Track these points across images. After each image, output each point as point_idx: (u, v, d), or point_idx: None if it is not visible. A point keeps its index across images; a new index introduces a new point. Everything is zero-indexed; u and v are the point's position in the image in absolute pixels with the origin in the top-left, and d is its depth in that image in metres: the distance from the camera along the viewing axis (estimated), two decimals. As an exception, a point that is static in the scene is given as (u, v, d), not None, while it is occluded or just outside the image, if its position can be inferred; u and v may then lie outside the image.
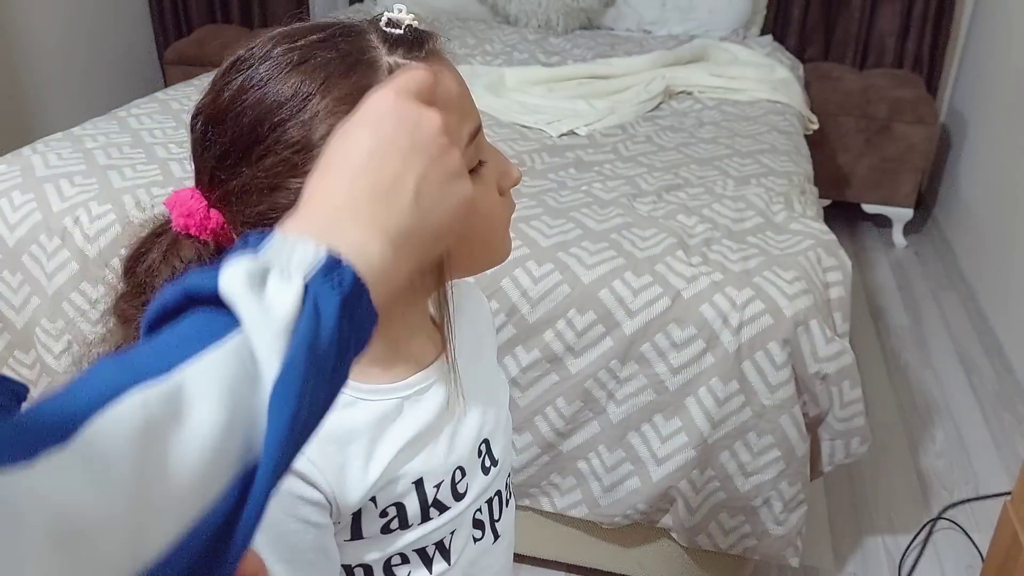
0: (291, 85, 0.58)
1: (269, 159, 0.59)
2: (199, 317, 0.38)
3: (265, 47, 0.61)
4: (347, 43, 0.60)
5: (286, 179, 0.59)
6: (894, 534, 1.94)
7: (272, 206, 0.60)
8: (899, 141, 3.05)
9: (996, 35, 3.01)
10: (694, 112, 2.42)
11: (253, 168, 0.59)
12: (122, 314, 0.64)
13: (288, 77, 0.59)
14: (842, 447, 1.56)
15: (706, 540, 1.57)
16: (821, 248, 1.61)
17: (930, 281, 3.01)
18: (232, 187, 0.60)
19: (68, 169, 1.79)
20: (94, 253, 1.66)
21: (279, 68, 0.59)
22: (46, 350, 1.71)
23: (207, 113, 0.62)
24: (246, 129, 0.59)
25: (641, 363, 1.49)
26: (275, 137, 0.58)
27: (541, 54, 2.90)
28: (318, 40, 0.60)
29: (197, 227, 0.62)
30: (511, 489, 0.83)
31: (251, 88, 0.59)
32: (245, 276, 0.38)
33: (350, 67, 0.59)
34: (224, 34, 3.46)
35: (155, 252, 0.63)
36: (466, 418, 0.75)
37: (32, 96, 3.15)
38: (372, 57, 0.60)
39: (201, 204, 0.62)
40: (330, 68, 0.59)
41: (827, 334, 1.47)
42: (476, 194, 0.62)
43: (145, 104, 2.21)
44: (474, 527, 0.77)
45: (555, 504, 1.60)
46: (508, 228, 0.70)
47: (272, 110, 0.58)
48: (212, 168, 0.61)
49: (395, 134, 0.47)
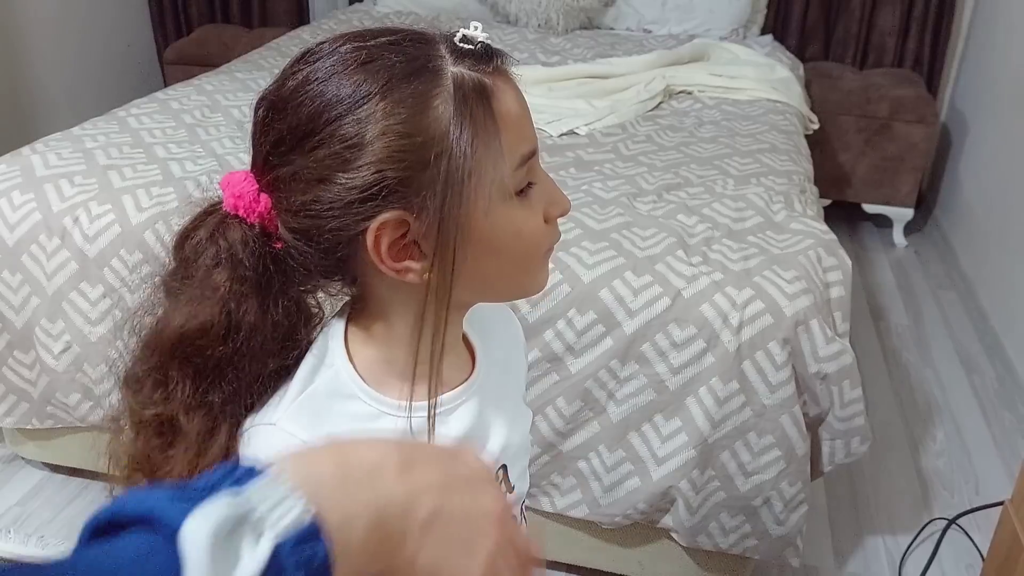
0: (353, 82, 0.59)
1: (321, 151, 0.59)
2: (143, 543, 0.35)
3: (335, 43, 0.62)
4: (415, 49, 0.61)
5: (334, 173, 0.59)
6: (894, 534, 1.93)
7: (316, 198, 0.60)
8: (899, 141, 3.05)
9: (996, 34, 3.01)
10: (694, 111, 2.42)
11: (305, 158, 0.60)
12: (168, 288, 0.65)
13: (352, 74, 0.59)
14: (842, 447, 1.56)
15: (706, 540, 1.56)
16: (821, 248, 1.60)
17: (930, 281, 3.01)
18: (282, 173, 0.61)
19: (68, 169, 1.78)
20: (94, 253, 1.66)
21: (344, 65, 0.60)
22: (45, 350, 1.70)
23: (270, 99, 0.63)
24: (304, 119, 0.60)
25: (641, 363, 1.49)
26: (330, 131, 0.59)
27: (541, 53, 2.90)
28: (387, 42, 0.61)
29: (246, 209, 0.63)
30: (524, 516, 0.82)
31: (314, 80, 0.60)
32: (213, 531, 0.34)
33: (414, 72, 0.59)
34: (224, 34, 3.46)
35: (203, 230, 0.64)
36: (487, 442, 0.74)
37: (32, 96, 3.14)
38: (437, 66, 0.60)
39: (252, 187, 0.63)
40: (394, 71, 0.59)
41: (827, 334, 1.47)
42: (520, 216, 0.63)
43: (145, 104, 2.21)
44: None
45: (555, 504, 1.60)
46: (547, 258, 0.69)
47: (331, 104, 0.59)
48: (266, 153, 0.62)
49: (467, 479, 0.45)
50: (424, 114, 0.59)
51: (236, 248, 0.63)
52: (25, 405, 1.80)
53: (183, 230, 0.65)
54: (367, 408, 0.67)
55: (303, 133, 0.60)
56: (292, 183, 0.61)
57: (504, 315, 0.83)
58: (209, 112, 2.18)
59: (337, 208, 0.60)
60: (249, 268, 0.63)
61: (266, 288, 0.64)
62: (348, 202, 0.59)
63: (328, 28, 3.11)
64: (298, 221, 0.62)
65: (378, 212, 0.59)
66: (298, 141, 0.60)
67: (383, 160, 0.58)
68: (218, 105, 2.23)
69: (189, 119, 2.12)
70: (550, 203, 0.66)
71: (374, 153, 0.58)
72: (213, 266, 0.63)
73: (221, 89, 2.36)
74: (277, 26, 3.62)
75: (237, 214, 0.63)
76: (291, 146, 0.60)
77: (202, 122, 2.11)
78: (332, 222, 0.60)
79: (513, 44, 2.99)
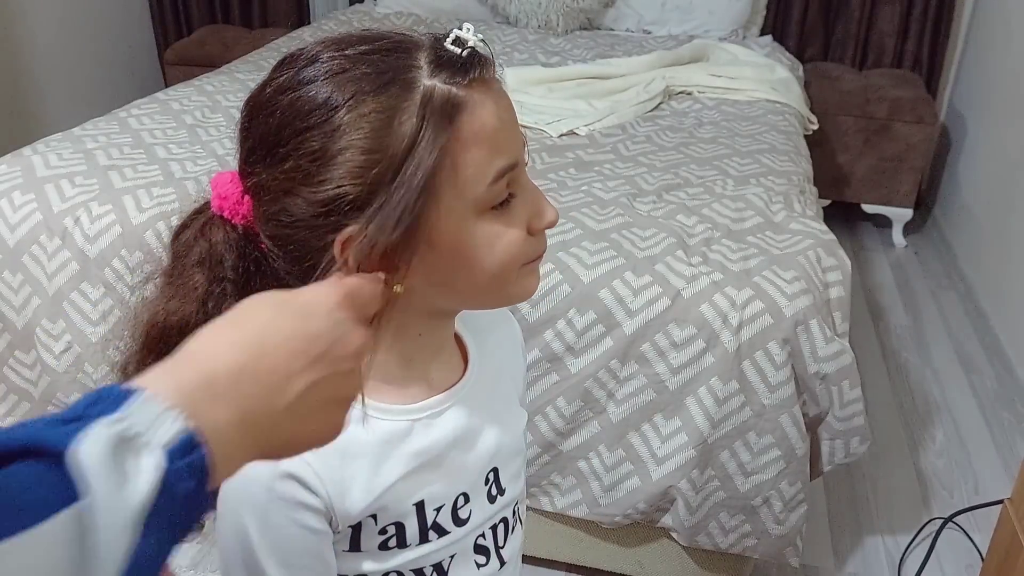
0: (324, 94, 0.58)
1: (288, 163, 0.59)
2: (29, 473, 0.34)
3: (315, 49, 0.61)
4: (390, 59, 0.59)
5: (298, 186, 0.59)
6: (894, 534, 1.94)
7: (283, 208, 0.60)
8: (899, 141, 3.05)
9: (996, 35, 3.02)
10: (694, 112, 2.42)
11: (273, 168, 0.60)
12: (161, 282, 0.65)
13: (323, 85, 0.58)
14: (842, 447, 1.56)
15: (706, 540, 1.57)
16: (821, 248, 1.61)
17: (930, 281, 3.01)
18: (258, 180, 0.61)
19: (69, 169, 1.79)
20: (94, 253, 1.66)
21: (319, 74, 0.59)
22: (46, 350, 1.71)
23: (251, 103, 0.62)
24: (273, 129, 0.59)
25: (641, 363, 1.49)
26: (296, 143, 0.58)
27: (541, 54, 2.90)
28: (363, 52, 0.59)
29: (230, 210, 0.63)
30: (519, 516, 0.81)
31: (288, 89, 0.59)
32: (106, 447, 0.35)
33: (383, 85, 0.58)
34: (224, 34, 3.46)
35: (192, 228, 0.64)
36: (477, 445, 0.73)
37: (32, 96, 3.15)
38: (410, 78, 0.58)
39: (237, 188, 0.63)
40: (362, 83, 0.58)
41: (827, 334, 1.47)
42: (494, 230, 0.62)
43: (145, 104, 2.21)
44: (476, 552, 0.75)
45: (555, 504, 1.60)
46: (533, 268, 0.67)
47: (300, 115, 0.58)
48: (244, 157, 0.62)
49: (315, 337, 0.46)
50: (387, 129, 0.57)
51: (218, 248, 0.63)
52: (26, 405, 1.80)
53: (177, 226, 0.66)
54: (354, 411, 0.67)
55: (272, 143, 0.59)
56: (264, 191, 0.61)
57: (502, 315, 0.83)
58: (210, 113, 2.18)
59: (302, 221, 0.59)
60: (229, 269, 0.63)
61: (244, 289, 0.62)
62: (313, 215, 0.59)
63: (329, 28, 3.12)
64: (271, 229, 0.62)
65: (342, 226, 0.58)
66: (268, 151, 0.60)
67: (344, 176, 0.57)
68: (219, 106, 2.24)
69: (190, 119, 2.12)
70: (534, 215, 0.64)
71: (336, 168, 0.57)
72: (195, 264, 0.63)
73: (222, 90, 2.36)
74: (278, 26, 3.63)
75: (222, 215, 0.63)
76: (261, 155, 0.60)
77: (203, 123, 2.11)
78: (300, 232, 0.60)
79: (513, 45, 3.00)
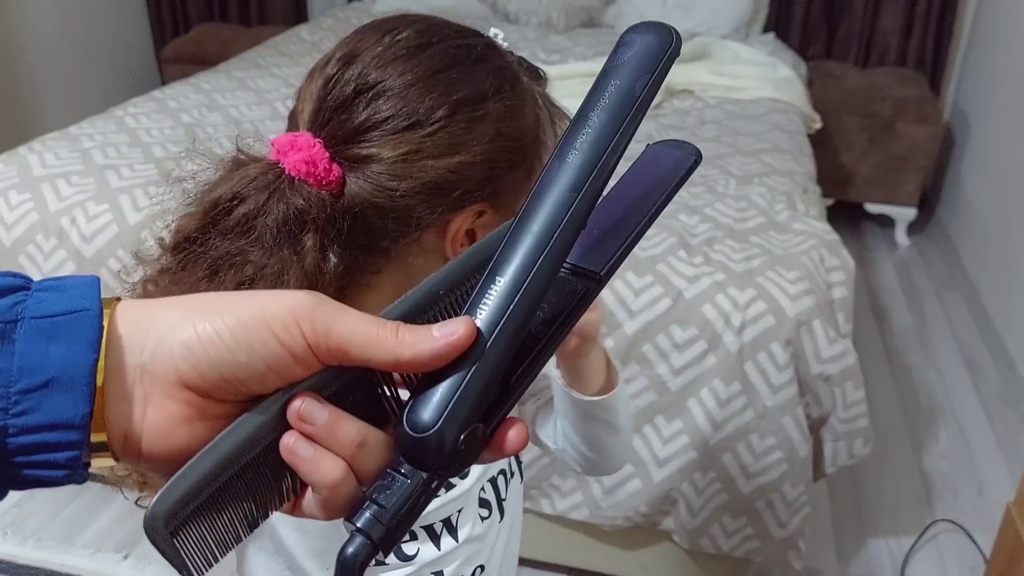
0: (475, 79, 0.64)
1: (429, 140, 0.61)
2: None
3: (431, 36, 0.65)
4: (503, 54, 0.68)
5: (433, 159, 0.61)
6: (897, 536, 1.92)
7: (409, 181, 0.61)
8: (902, 140, 3.04)
9: (1000, 33, 3.00)
10: (696, 111, 2.41)
11: (405, 144, 0.61)
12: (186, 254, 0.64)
13: (466, 71, 0.64)
14: (845, 448, 1.55)
15: (708, 542, 1.55)
16: (824, 248, 1.59)
17: (934, 281, 3.00)
18: (371, 153, 0.61)
19: (65, 168, 1.77)
20: (91, 253, 1.65)
21: (451, 60, 0.64)
22: (42, 351, 1.70)
23: (367, 81, 0.62)
24: (409, 110, 0.61)
25: (642, 364, 1.48)
26: (443, 123, 0.62)
27: (542, 52, 2.89)
28: (486, 43, 0.68)
29: (316, 177, 0.59)
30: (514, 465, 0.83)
31: (423, 76, 0.62)
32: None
33: (515, 78, 0.67)
34: (222, 32, 3.45)
35: (259, 195, 0.59)
36: None
37: (29, 95, 3.14)
38: (519, 74, 0.68)
39: (324, 155, 0.60)
40: (504, 74, 0.66)
41: (830, 334, 1.46)
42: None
43: (142, 103, 2.20)
44: (480, 506, 0.78)
45: (556, 506, 1.59)
46: None
47: (452, 99, 0.62)
48: (355, 129, 0.61)
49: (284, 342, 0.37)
50: (523, 118, 0.65)
51: (303, 213, 0.59)
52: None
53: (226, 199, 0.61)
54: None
55: (412, 122, 0.61)
56: (377, 164, 0.60)
57: None
58: (207, 111, 2.17)
59: (425, 194, 0.61)
60: (314, 235, 0.60)
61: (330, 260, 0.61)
62: (442, 190, 0.61)
63: (327, 26, 3.10)
64: (375, 197, 0.60)
65: (466, 203, 0.62)
66: (407, 127, 0.61)
67: (487, 157, 0.62)
68: (216, 104, 2.22)
69: (187, 118, 2.11)
70: None
71: (480, 151, 0.62)
72: (272, 232, 0.59)
73: (219, 88, 2.35)
74: (275, 24, 3.61)
75: (307, 180, 0.59)
76: (392, 130, 0.60)
77: (200, 121, 2.10)
78: (417, 205, 0.61)
79: (513, 43, 2.96)
